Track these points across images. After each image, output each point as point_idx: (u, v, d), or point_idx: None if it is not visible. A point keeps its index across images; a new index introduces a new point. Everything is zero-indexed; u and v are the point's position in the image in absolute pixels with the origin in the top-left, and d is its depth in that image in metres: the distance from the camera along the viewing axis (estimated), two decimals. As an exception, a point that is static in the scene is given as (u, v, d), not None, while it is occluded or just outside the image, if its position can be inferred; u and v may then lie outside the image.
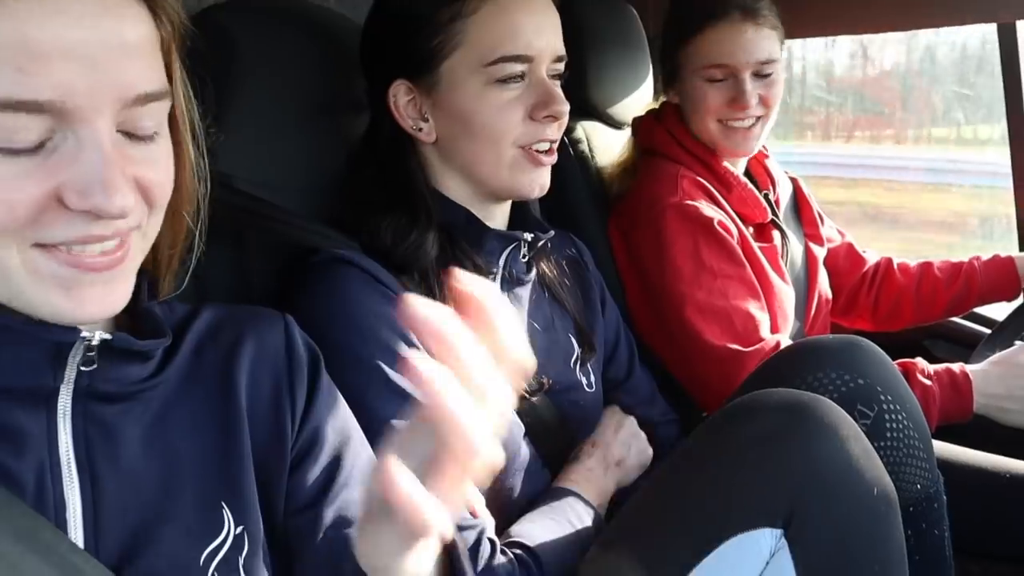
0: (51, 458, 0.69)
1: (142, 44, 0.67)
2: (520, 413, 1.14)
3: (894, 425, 1.11)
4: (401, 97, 1.13)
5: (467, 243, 1.14)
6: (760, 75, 1.53)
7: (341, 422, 0.88)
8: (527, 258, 1.23)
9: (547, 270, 1.28)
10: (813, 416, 0.95)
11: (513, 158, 1.13)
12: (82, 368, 0.70)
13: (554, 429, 1.20)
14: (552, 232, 1.24)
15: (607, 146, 1.74)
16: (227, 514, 0.77)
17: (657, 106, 1.71)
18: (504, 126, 1.11)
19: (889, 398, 1.11)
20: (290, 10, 1.20)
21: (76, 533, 0.69)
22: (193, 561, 0.74)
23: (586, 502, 1.14)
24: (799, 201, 1.80)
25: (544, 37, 1.12)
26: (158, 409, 0.76)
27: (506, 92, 1.11)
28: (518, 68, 1.10)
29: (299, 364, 0.86)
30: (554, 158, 1.16)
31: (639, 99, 1.82)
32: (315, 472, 0.84)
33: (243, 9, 1.10)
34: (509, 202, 1.22)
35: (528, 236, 1.19)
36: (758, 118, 1.55)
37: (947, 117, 4.68)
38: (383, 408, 0.98)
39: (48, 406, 0.70)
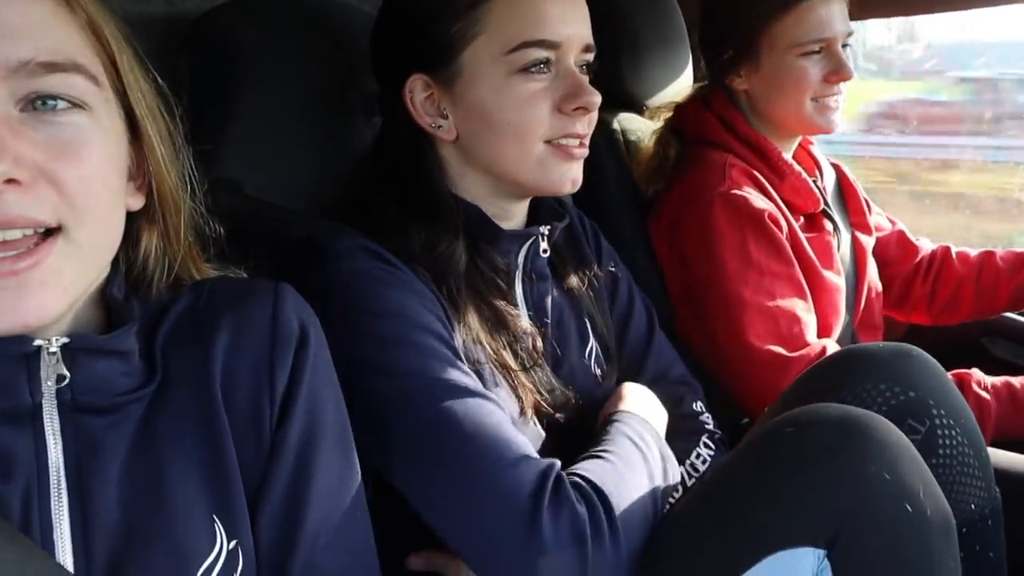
0: (39, 479, 0.67)
1: (30, 10, 0.64)
2: (540, 415, 1.09)
3: (947, 441, 1.04)
4: (418, 93, 1.07)
5: (486, 243, 1.10)
6: (843, 47, 1.50)
7: (320, 416, 0.79)
8: (547, 253, 1.17)
9: (565, 265, 1.23)
10: (866, 435, 0.90)
11: (541, 154, 1.06)
12: (52, 383, 0.66)
13: (572, 426, 1.13)
14: (567, 219, 1.18)
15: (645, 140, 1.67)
16: (219, 528, 0.73)
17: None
18: (529, 121, 1.05)
19: (942, 412, 1.05)
20: (300, 6, 1.16)
21: (65, 557, 0.67)
22: None
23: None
24: (844, 189, 1.72)
25: (571, 24, 1.06)
26: (144, 419, 0.72)
27: (531, 83, 1.04)
28: (543, 54, 1.04)
29: (284, 339, 0.78)
30: (586, 151, 1.09)
31: (678, 91, 1.76)
32: (280, 480, 0.77)
33: (250, 9, 1.07)
34: (528, 201, 1.17)
35: (544, 229, 1.14)
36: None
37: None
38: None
39: (34, 424, 0.67)
